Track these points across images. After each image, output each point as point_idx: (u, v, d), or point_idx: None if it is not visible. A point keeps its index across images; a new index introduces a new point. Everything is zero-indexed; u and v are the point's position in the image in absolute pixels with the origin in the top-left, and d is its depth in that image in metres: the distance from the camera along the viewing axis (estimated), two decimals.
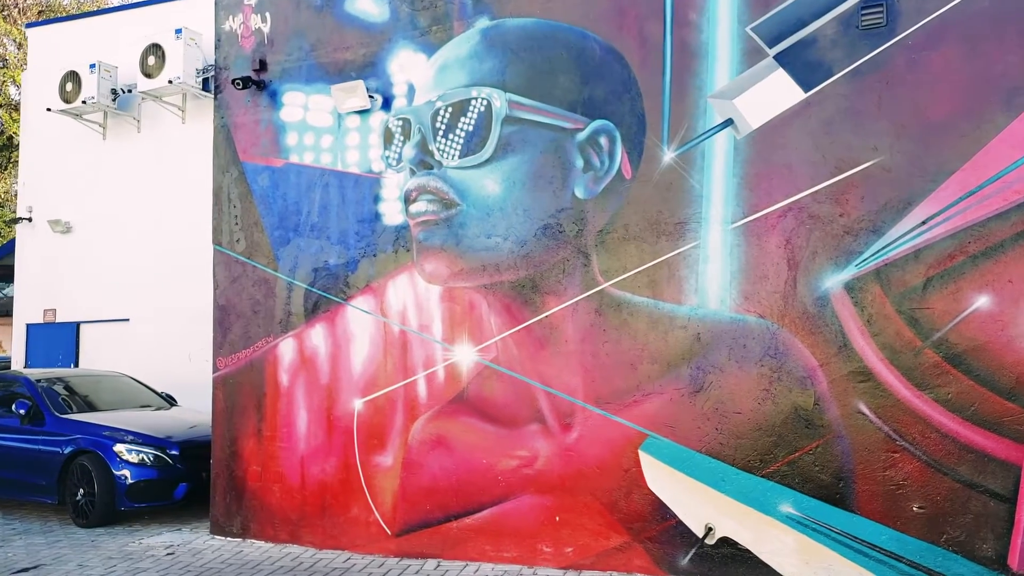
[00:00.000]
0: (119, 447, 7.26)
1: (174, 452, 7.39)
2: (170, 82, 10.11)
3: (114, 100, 10.95)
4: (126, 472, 7.18)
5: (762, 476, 5.04)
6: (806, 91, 5.06)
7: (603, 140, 5.55)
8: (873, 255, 4.86)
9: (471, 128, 5.88)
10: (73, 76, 10.78)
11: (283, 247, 6.61)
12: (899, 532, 4.73)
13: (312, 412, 6.40)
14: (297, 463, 6.43)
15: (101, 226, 11.23)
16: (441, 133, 5.98)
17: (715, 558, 5.13)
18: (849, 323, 4.89)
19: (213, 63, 10.09)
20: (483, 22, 5.98)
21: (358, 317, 6.28)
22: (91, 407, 8.23)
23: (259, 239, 6.71)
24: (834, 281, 4.94)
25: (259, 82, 6.73)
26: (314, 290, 6.46)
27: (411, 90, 6.20)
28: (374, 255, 6.25)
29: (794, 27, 5.11)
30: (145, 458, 7.28)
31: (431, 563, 5.80)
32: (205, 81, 10.31)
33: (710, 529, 5.16)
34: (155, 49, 10.27)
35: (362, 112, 6.35)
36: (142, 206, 10.93)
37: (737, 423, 5.12)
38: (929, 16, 4.78)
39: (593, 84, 5.60)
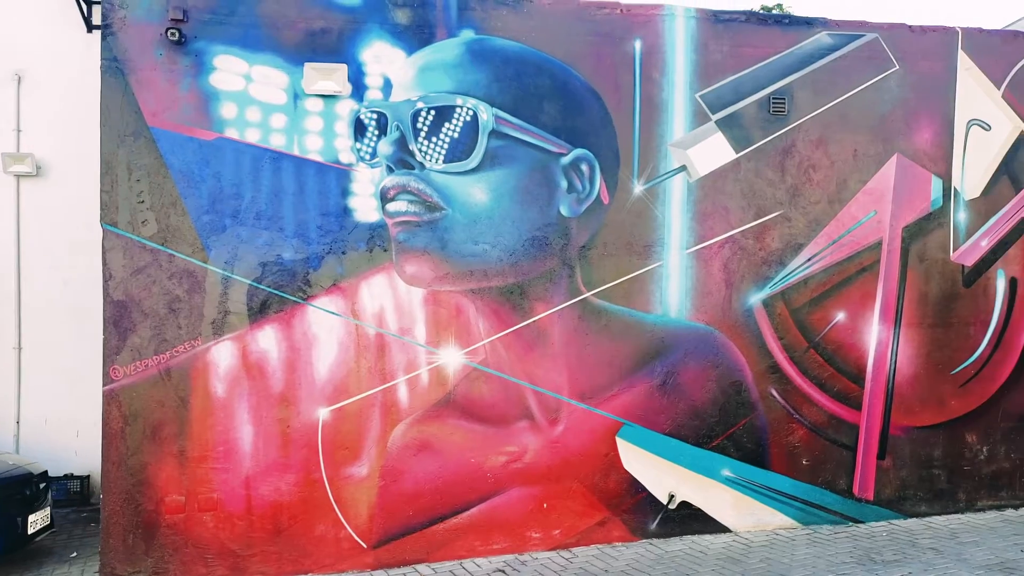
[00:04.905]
0: None
1: None
2: None
3: None
4: None
5: (709, 449, 6.42)
6: (736, 152, 6.62)
7: (584, 167, 6.29)
8: (780, 280, 6.65)
9: (456, 135, 6.00)
10: None
11: (216, 235, 5.63)
12: (795, 480, 6.60)
13: (261, 426, 5.63)
14: (239, 485, 5.57)
15: None
16: (424, 135, 5.95)
17: (676, 519, 6.33)
18: (765, 330, 6.59)
19: None
20: (468, 34, 6.14)
21: (323, 319, 5.77)
22: None
23: (179, 223, 5.58)
24: (756, 298, 6.59)
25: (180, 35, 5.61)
26: (262, 287, 5.69)
27: (387, 84, 5.98)
28: (343, 252, 5.83)
29: (729, 101, 6.64)
30: None
31: (422, 568, 5.73)
32: None
33: (672, 496, 6.33)
34: None
35: (326, 96, 5.86)
36: None
37: (691, 408, 6.41)
38: (814, 112, 6.77)
39: (576, 115, 6.29)
